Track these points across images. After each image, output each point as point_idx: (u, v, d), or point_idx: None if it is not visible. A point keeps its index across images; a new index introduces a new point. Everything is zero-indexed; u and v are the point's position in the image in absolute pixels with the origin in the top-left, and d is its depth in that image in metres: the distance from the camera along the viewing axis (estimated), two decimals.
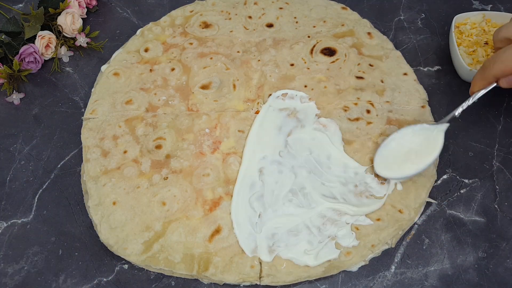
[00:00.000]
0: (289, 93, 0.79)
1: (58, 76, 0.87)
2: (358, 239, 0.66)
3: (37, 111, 0.82)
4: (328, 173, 0.71)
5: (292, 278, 0.64)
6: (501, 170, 0.74)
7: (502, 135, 0.78)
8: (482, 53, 0.81)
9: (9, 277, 0.66)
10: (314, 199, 0.69)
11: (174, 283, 0.66)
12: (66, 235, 0.70)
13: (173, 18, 0.91)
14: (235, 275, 0.64)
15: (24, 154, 0.77)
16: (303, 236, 0.66)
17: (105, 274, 0.67)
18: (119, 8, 0.96)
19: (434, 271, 0.66)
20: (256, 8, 0.91)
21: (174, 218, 0.68)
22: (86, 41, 0.89)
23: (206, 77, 0.82)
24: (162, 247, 0.66)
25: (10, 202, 0.73)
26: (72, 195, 0.73)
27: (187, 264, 0.65)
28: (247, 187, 0.70)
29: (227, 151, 0.74)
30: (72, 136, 0.79)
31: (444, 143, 0.70)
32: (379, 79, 0.81)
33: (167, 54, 0.85)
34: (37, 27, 0.86)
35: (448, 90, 0.83)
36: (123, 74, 0.83)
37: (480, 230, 0.69)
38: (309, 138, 0.74)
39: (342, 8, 0.91)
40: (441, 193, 0.72)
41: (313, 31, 0.88)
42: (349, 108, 0.77)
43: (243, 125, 0.76)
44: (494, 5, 0.94)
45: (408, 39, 0.89)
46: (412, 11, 0.94)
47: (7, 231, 0.70)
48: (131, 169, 0.72)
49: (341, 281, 0.66)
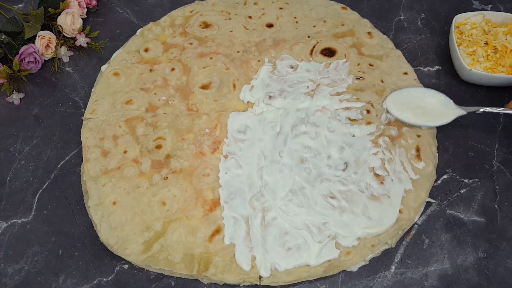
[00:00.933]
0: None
1: (58, 76, 0.87)
2: (358, 239, 0.66)
3: (37, 111, 0.82)
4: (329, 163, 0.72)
5: (292, 278, 0.64)
6: (501, 170, 0.74)
7: (502, 135, 0.78)
8: (482, 53, 0.81)
9: (9, 277, 0.66)
10: (314, 199, 0.69)
11: (174, 283, 0.66)
12: (66, 235, 0.70)
13: (173, 18, 0.91)
14: (235, 275, 0.64)
15: (24, 154, 0.77)
16: (303, 236, 0.66)
17: (105, 274, 0.66)
18: (119, 8, 0.96)
19: (434, 271, 0.66)
20: (256, 8, 0.91)
21: (174, 218, 0.68)
22: (86, 41, 0.89)
23: (206, 77, 0.82)
24: (162, 247, 0.66)
25: (10, 202, 0.73)
26: (72, 195, 0.73)
27: (187, 264, 0.65)
28: (247, 187, 0.70)
29: (227, 151, 0.74)
30: (72, 136, 0.79)
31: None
32: (379, 79, 0.81)
33: (167, 54, 0.85)
34: (37, 27, 0.86)
35: (448, 90, 0.83)
36: (123, 74, 0.83)
37: (480, 230, 0.69)
38: (308, 138, 0.74)
39: (342, 8, 0.91)
40: (441, 193, 0.72)
41: (313, 31, 0.88)
42: (349, 109, 0.78)
43: (243, 125, 0.76)
44: (494, 5, 0.94)
45: (408, 39, 0.89)
46: (412, 11, 0.94)
47: (7, 231, 0.70)
48: (131, 169, 0.72)
49: (341, 281, 0.66)
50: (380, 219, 0.67)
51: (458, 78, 0.84)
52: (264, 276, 0.64)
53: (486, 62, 0.80)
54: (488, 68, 0.80)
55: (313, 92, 0.79)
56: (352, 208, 0.68)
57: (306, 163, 0.72)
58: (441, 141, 0.76)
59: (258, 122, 0.76)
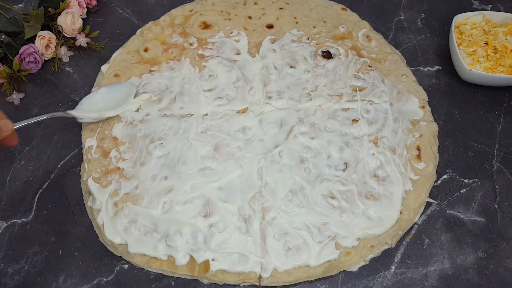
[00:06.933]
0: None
1: (58, 76, 0.87)
2: (358, 239, 0.66)
3: (37, 111, 0.82)
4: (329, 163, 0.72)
5: (292, 278, 0.64)
6: (501, 170, 0.74)
7: (502, 135, 0.78)
8: (482, 53, 0.81)
9: (9, 277, 0.66)
10: (314, 199, 0.69)
11: (174, 283, 0.66)
12: (66, 235, 0.70)
13: (172, 17, 0.90)
14: (235, 276, 0.64)
15: (24, 154, 0.77)
16: (303, 236, 0.66)
17: (105, 274, 0.67)
18: (119, 8, 0.96)
19: (434, 271, 0.66)
20: (256, 8, 0.91)
21: (176, 218, 0.68)
22: (86, 41, 0.89)
23: (206, 78, 0.82)
24: (164, 248, 0.66)
25: (10, 202, 0.73)
26: (72, 195, 0.73)
27: (188, 265, 0.65)
28: (247, 187, 0.70)
29: (227, 152, 0.74)
30: (72, 136, 0.79)
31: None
32: (379, 80, 0.81)
33: (167, 54, 0.85)
34: (37, 27, 0.86)
35: (448, 90, 0.83)
36: (123, 75, 0.82)
37: (480, 230, 0.69)
38: (308, 138, 0.74)
39: (342, 9, 0.91)
40: (441, 193, 0.72)
41: (313, 31, 0.87)
42: (349, 109, 0.78)
43: (243, 126, 0.76)
44: (494, 5, 0.94)
45: (408, 39, 0.89)
46: (412, 11, 0.94)
47: (7, 231, 0.70)
48: (131, 170, 0.72)
49: (341, 281, 0.66)
50: (380, 219, 0.67)
51: (458, 78, 0.84)
52: (264, 276, 0.64)
53: (486, 62, 0.80)
54: (488, 68, 0.80)
55: (312, 92, 0.79)
56: (352, 209, 0.68)
57: (306, 163, 0.72)
58: (441, 141, 0.76)
59: (258, 122, 0.76)
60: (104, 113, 0.76)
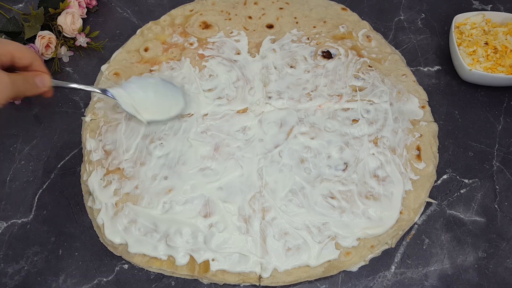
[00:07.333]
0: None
1: (58, 76, 0.87)
2: (358, 239, 0.66)
3: (37, 111, 0.82)
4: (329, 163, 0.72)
5: (292, 278, 0.64)
6: (501, 170, 0.74)
7: (502, 135, 0.78)
8: (482, 53, 0.81)
9: (9, 277, 0.66)
10: (314, 199, 0.69)
11: (174, 283, 0.66)
12: (66, 235, 0.70)
13: (172, 17, 0.90)
14: (236, 276, 0.64)
15: (24, 154, 0.77)
16: (303, 236, 0.66)
17: (105, 274, 0.67)
18: (119, 8, 0.96)
19: (434, 271, 0.66)
20: (256, 8, 0.91)
21: (176, 218, 0.68)
22: (86, 41, 0.89)
23: (206, 78, 0.82)
24: (164, 248, 0.66)
25: (10, 202, 0.73)
26: (72, 195, 0.73)
27: (188, 265, 0.65)
28: (247, 187, 0.70)
29: (227, 152, 0.74)
30: (72, 136, 0.79)
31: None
32: (379, 80, 0.81)
33: (167, 54, 0.85)
34: (37, 27, 0.86)
35: (448, 90, 0.83)
36: (123, 74, 0.82)
37: (480, 230, 0.69)
38: (308, 138, 0.74)
39: (342, 9, 0.91)
40: (441, 193, 0.72)
41: (313, 31, 0.87)
42: (349, 109, 0.78)
43: (243, 126, 0.76)
44: (494, 5, 0.94)
45: (408, 39, 0.89)
46: (412, 11, 0.94)
47: (7, 231, 0.70)
48: (132, 170, 0.72)
49: (341, 281, 0.66)
50: (380, 219, 0.67)
51: (458, 78, 0.84)
52: (264, 276, 0.64)
53: (486, 62, 0.80)
54: (488, 68, 0.80)
55: (312, 92, 0.79)
56: (352, 209, 0.68)
57: (306, 163, 0.72)
58: (441, 141, 0.76)
59: (258, 122, 0.76)
60: (140, 115, 0.72)
